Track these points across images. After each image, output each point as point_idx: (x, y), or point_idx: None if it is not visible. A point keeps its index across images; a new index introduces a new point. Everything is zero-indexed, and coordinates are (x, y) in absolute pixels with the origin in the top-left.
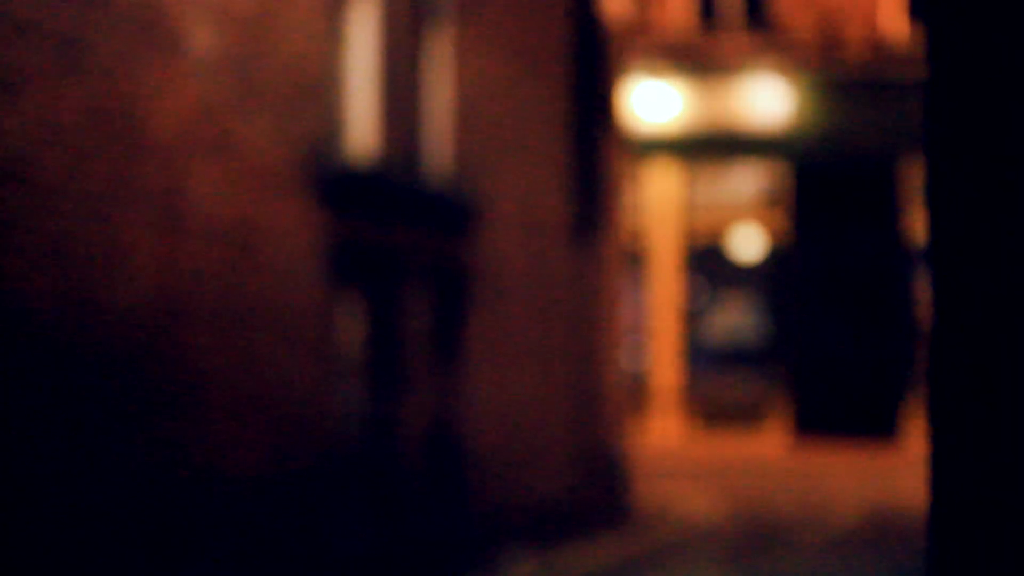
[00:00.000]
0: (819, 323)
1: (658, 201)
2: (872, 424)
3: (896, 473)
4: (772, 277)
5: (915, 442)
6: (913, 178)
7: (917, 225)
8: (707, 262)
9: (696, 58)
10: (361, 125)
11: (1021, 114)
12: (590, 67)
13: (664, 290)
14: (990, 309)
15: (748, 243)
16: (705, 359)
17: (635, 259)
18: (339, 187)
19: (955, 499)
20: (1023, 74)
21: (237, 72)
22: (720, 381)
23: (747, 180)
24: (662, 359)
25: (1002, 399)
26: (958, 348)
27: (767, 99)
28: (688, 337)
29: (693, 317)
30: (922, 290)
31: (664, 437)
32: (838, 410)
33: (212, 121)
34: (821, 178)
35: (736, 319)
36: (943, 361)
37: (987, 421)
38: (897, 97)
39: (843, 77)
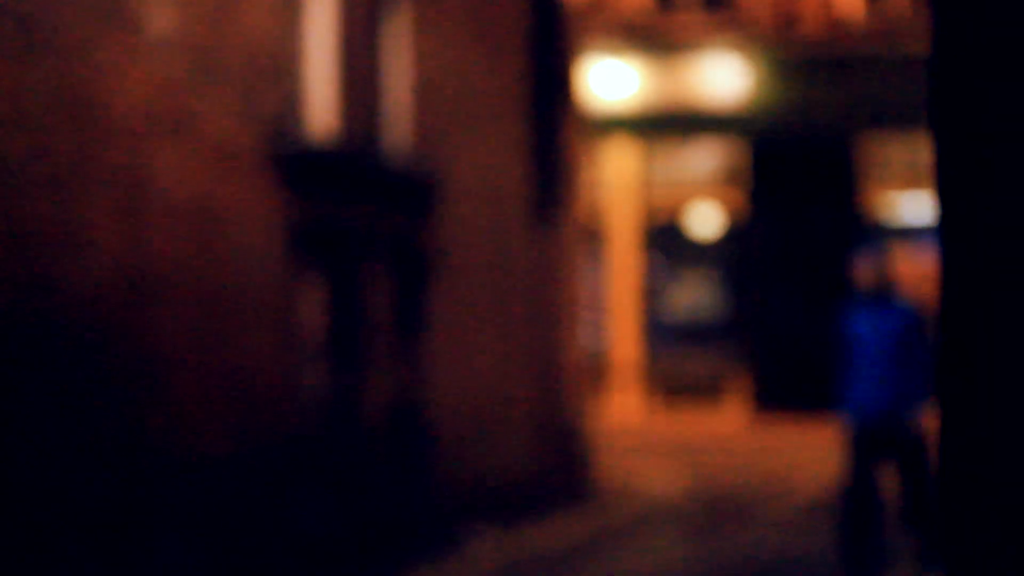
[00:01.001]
0: (777, 299)
1: (616, 179)
2: (830, 399)
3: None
4: (730, 254)
5: None
6: (870, 154)
7: (873, 201)
8: (665, 239)
9: (653, 36)
10: (321, 104)
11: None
12: (548, 46)
13: (623, 267)
14: (985, 284)
15: (706, 220)
16: (664, 336)
17: (594, 236)
18: (300, 166)
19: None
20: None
21: (198, 52)
22: (679, 357)
23: (705, 158)
24: (622, 336)
25: (979, 376)
26: (960, 327)
27: (724, 77)
28: (647, 314)
29: (652, 294)
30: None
31: (624, 413)
32: (796, 385)
33: (173, 101)
34: (778, 155)
35: (695, 296)
36: (952, 345)
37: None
38: (854, 74)
39: (800, 54)
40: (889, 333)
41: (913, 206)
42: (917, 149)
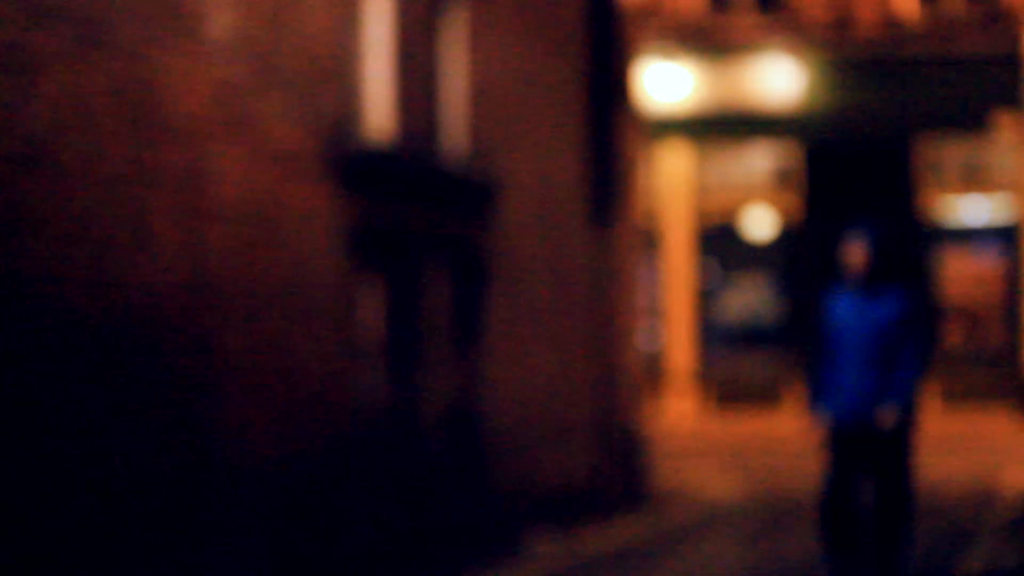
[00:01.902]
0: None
1: (671, 182)
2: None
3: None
4: (785, 257)
5: (935, 418)
6: (927, 156)
7: (930, 204)
8: (720, 243)
9: (708, 39)
10: (379, 106)
11: None
12: (605, 49)
13: (678, 271)
14: None
15: (761, 223)
16: (719, 339)
17: (649, 240)
18: (358, 168)
19: None
20: None
21: (257, 55)
22: (735, 361)
23: (759, 160)
24: (677, 340)
25: None
26: None
27: (778, 79)
28: (702, 318)
29: (707, 298)
30: (938, 268)
31: (679, 417)
32: None
33: (232, 103)
34: (834, 157)
35: (750, 299)
36: None
37: None
38: (910, 75)
39: (855, 56)
40: (876, 323)
41: (970, 209)
42: (974, 151)
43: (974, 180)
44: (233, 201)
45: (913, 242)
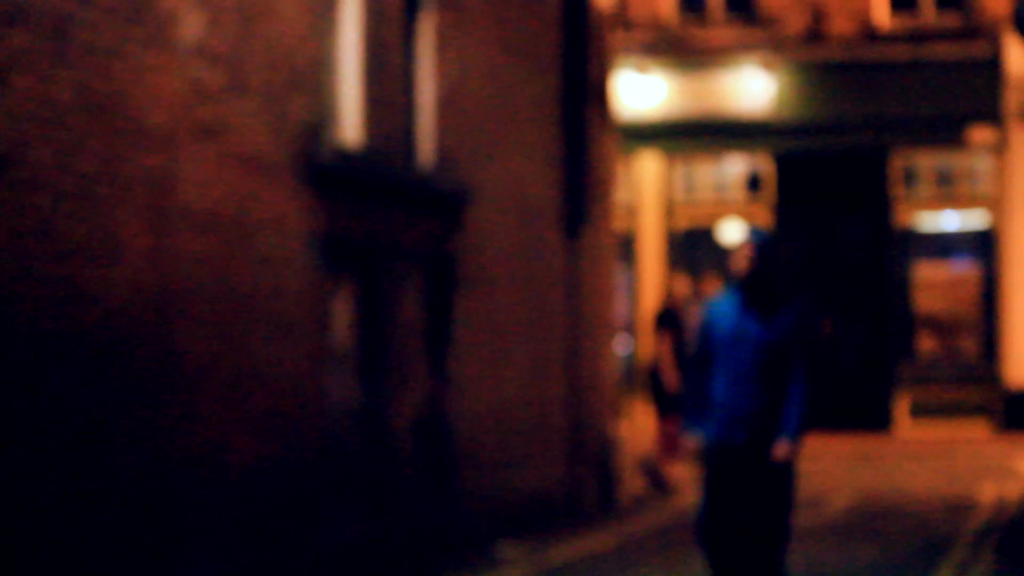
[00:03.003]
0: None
1: (645, 190)
2: (863, 414)
3: (889, 462)
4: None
5: (906, 431)
6: (901, 167)
7: (904, 214)
8: (693, 250)
9: (682, 48)
10: (351, 113)
11: None
12: (579, 57)
13: (651, 278)
14: None
15: (734, 231)
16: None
17: (622, 247)
18: (329, 175)
19: None
20: None
21: (228, 61)
22: None
23: (733, 168)
24: (649, 348)
25: None
26: None
27: (752, 88)
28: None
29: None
30: (916, 277)
31: (651, 427)
32: (825, 402)
33: (203, 108)
34: (807, 165)
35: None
36: None
37: None
38: (884, 84)
39: (829, 65)
40: (762, 337)
41: (945, 218)
42: (949, 160)
43: (949, 189)
44: (203, 206)
45: (888, 253)
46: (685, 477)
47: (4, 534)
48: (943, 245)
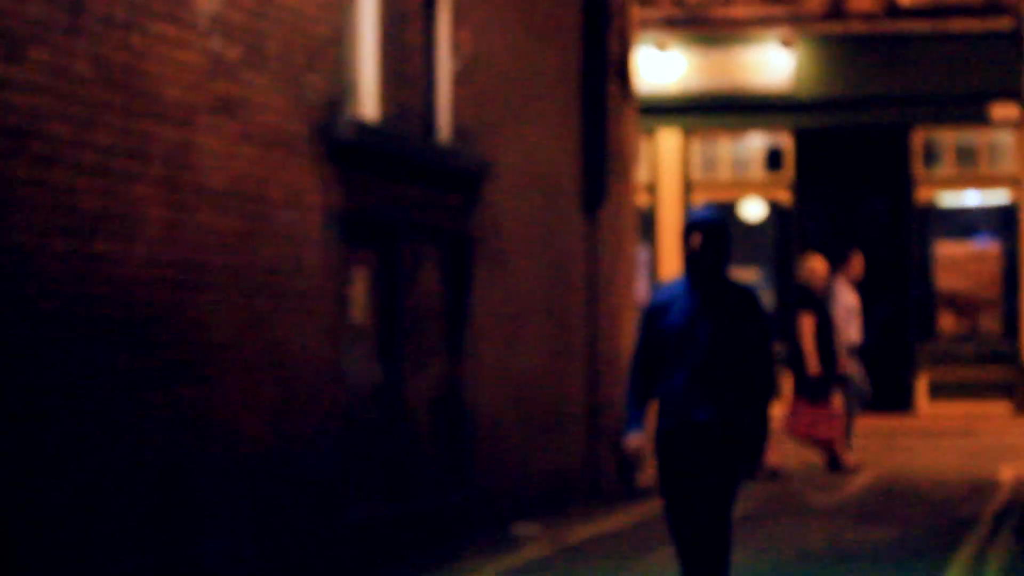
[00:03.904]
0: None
1: (663, 167)
2: (883, 394)
3: (910, 442)
4: (777, 243)
5: (927, 410)
6: (922, 140)
7: (925, 190)
8: None
9: (703, 22)
10: (369, 87)
11: None
12: (600, 31)
13: (670, 256)
14: None
15: (754, 208)
16: None
17: (641, 225)
18: (347, 149)
19: None
20: None
21: (246, 34)
22: None
23: (754, 144)
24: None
25: None
26: None
27: (773, 63)
28: None
29: None
30: (937, 255)
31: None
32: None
33: (222, 82)
34: (828, 142)
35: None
36: None
37: None
38: (906, 59)
39: (850, 35)
40: (708, 326)
41: (966, 194)
42: (971, 135)
43: (971, 166)
44: (220, 181)
45: (903, 229)
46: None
47: (21, 512)
48: (964, 223)
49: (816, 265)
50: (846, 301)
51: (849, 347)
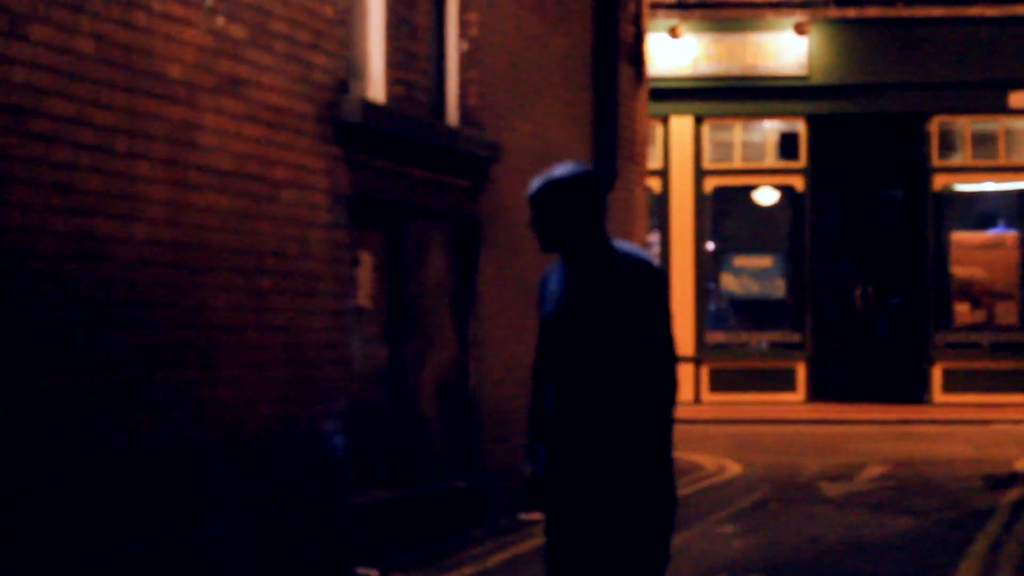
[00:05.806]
0: (839, 276)
1: (675, 152)
2: (898, 383)
3: (925, 432)
4: (791, 230)
5: (942, 400)
6: (938, 127)
7: (943, 176)
8: (725, 215)
9: (715, 6)
10: (376, 68)
11: None
12: (611, 14)
13: (681, 242)
14: None
15: (767, 194)
16: (721, 315)
17: (653, 210)
18: (353, 130)
19: None
20: None
21: (252, 13)
22: (736, 338)
23: (766, 131)
24: (678, 314)
25: None
26: None
27: (787, 48)
28: (704, 292)
29: (709, 271)
30: (953, 244)
31: (680, 393)
32: (858, 371)
33: (225, 60)
34: (842, 128)
35: (754, 274)
36: None
37: None
38: (922, 42)
39: (866, 20)
40: (590, 310)
41: (983, 185)
42: (987, 125)
43: (988, 154)
44: (225, 161)
45: (918, 218)
46: (706, 452)
47: (26, 493)
48: (981, 212)
49: None
50: None
51: None
